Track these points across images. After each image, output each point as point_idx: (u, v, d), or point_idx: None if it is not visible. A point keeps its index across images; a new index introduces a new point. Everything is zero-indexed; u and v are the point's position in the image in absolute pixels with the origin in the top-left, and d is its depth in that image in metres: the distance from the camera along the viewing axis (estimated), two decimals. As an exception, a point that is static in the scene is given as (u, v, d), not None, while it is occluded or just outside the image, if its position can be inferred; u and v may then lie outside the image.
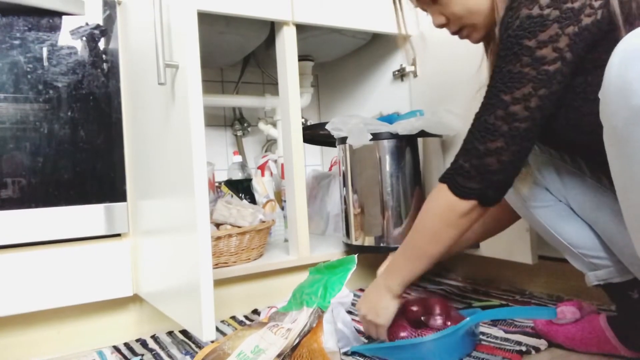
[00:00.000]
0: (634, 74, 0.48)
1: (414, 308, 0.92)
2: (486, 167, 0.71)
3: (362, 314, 0.90)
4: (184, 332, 1.09)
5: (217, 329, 1.09)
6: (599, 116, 0.58)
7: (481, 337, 0.94)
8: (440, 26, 0.85)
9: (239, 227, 1.23)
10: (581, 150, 0.77)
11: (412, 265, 0.84)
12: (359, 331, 1.03)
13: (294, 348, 0.72)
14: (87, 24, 1.05)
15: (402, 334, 0.88)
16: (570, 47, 0.65)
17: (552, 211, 0.85)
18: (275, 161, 1.68)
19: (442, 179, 0.77)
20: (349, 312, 1.16)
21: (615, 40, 0.61)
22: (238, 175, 1.67)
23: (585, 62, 0.67)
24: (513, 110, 0.68)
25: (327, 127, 1.32)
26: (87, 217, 1.02)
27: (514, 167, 0.72)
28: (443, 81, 1.34)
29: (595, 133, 0.65)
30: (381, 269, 1.00)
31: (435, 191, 0.79)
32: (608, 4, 0.64)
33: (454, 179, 0.75)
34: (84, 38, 1.04)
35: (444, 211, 0.77)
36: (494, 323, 1.01)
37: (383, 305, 0.87)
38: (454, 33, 0.85)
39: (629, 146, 0.50)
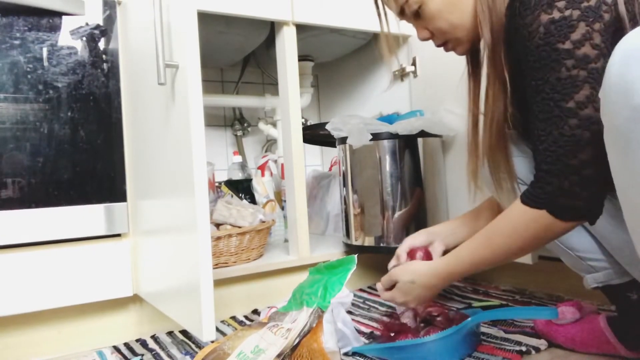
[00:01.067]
0: (635, 73, 0.48)
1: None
2: (589, 180, 0.64)
3: (410, 305, 0.89)
4: (184, 332, 1.09)
5: (217, 329, 1.09)
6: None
7: (481, 337, 0.94)
8: (425, 39, 0.85)
9: (239, 227, 1.23)
10: None
11: (472, 271, 0.82)
12: (359, 331, 1.03)
13: (294, 348, 0.72)
14: (87, 24, 1.05)
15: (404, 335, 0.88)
16: (604, 42, 0.63)
17: None
18: (275, 161, 1.68)
19: (538, 206, 0.68)
20: (349, 312, 1.16)
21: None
22: (238, 175, 1.67)
23: None
24: (586, 114, 0.63)
25: (327, 127, 1.32)
26: (87, 217, 1.02)
27: (606, 171, 0.64)
28: (443, 81, 1.34)
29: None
30: (391, 264, 0.98)
31: (527, 217, 0.70)
32: (617, 3, 0.64)
33: (556, 203, 0.67)
34: (84, 38, 1.04)
35: (543, 235, 0.71)
36: (494, 323, 1.01)
37: (429, 298, 0.88)
38: (438, 46, 0.86)
39: (629, 145, 0.50)
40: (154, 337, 1.07)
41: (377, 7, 0.89)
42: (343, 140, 1.30)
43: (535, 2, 0.65)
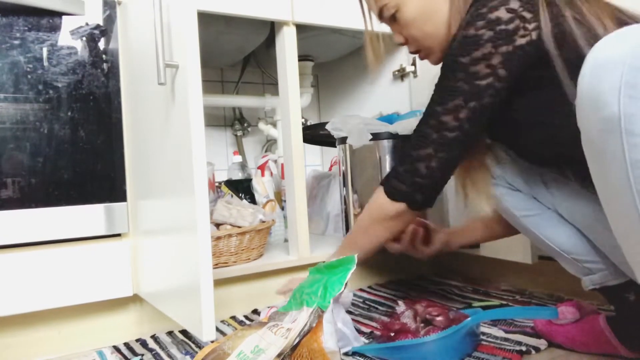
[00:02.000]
0: (605, 85, 0.48)
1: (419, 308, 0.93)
2: (415, 172, 0.78)
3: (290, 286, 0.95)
4: (184, 332, 1.09)
5: (217, 329, 1.09)
6: (575, 126, 0.58)
7: (481, 337, 0.94)
8: (400, 44, 0.87)
9: (239, 227, 1.23)
10: (563, 161, 0.78)
11: (364, 251, 0.90)
12: (359, 331, 1.03)
13: (294, 348, 0.72)
14: (87, 24, 1.05)
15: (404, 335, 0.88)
16: (503, 64, 0.68)
17: (542, 219, 0.85)
18: (275, 161, 1.68)
19: (381, 182, 0.84)
20: (349, 312, 1.16)
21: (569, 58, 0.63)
22: (238, 175, 1.67)
23: (543, 79, 0.68)
24: (444, 120, 0.73)
25: (327, 127, 1.32)
26: (87, 217, 1.02)
27: (441, 173, 0.78)
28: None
29: (575, 144, 0.65)
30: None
31: (375, 193, 0.86)
32: (540, 28, 0.67)
33: (389, 182, 0.82)
34: (84, 38, 1.04)
35: (375, 211, 0.85)
36: (494, 323, 1.01)
37: None
38: (412, 52, 0.88)
39: (604, 157, 0.50)
40: (154, 337, 1.07)
41: (362, 8, 0.92)
42: (343, 140, 1.30)
43: (467, 20, 0.71)
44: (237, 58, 1.69)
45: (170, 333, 1.09)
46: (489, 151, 0.90)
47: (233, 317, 1.18)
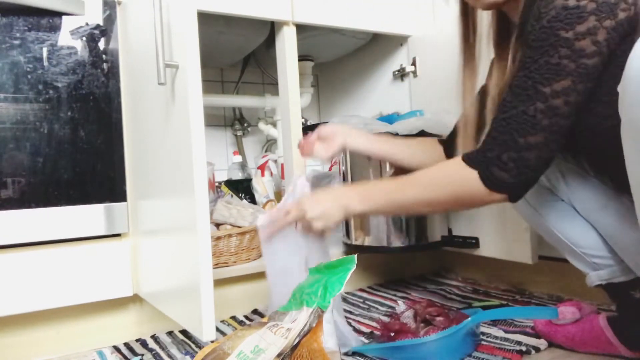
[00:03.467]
0: None
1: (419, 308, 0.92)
2: (525, 162, 0.67)
3: (310, 215, 0.83)
4: (184, 332, 1.09)
5: (217, 329, 1.09)
6: (613, 117, 0.57)
7: (481, 337, 0.94)
8: None
9: (239, 227, 1.23)
10: (586, 151, 0.77)
11: (388, 208, 0.82)
12: (359, 331, 1.03)
13: (293, 348, 0.72)
14: (87, 24, 1.05)
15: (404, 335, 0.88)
16: (607, 41, 0.63)
17: (555, 211, 0.84)
18: (275, 161, 1.68)
19: (474, 165, 0.71)
20: (349, 312, 1.16)
21: (633, 40, 0.60)
22: (238, 175, 1.67)
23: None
24: (554, 104, 0.65)
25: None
26: (87, 217, 1.02)
27: (548, 163, 0.69)
28: (443, 81, 1.34)
29: (608, 135, 0.65)
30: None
31: (459, 171, 0.73)
32: (637, 3, 0.63)
33: (489, 170, 0.69)
34: (84, 38, 1.04)
35: (465, 196, 0.73)
36: (494, 323, 1.01)
37: (334, 218, 0.83)
38: None
39: None
40: (154, 337, 1.07)
41: None
42: (343, 140, 1.30)
43: None
44: (237, 58, 1.69)
45: (170, 333, 1.09)
46: None
47: (233, 317, 1.18)
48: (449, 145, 1.00)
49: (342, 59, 1.80)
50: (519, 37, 0.72)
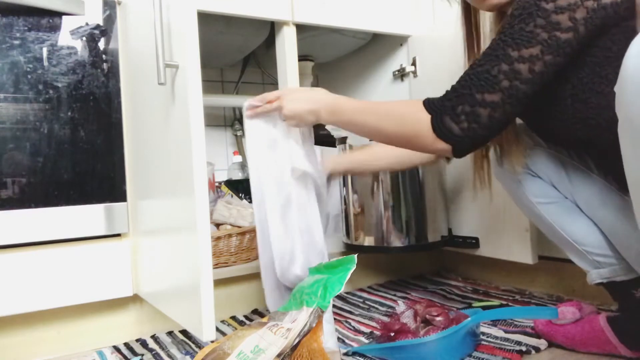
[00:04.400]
0: None
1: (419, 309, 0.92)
2: (476, 118, 0.69)
3: (285, 112, 0.87)
4: (184, 332, 1.09)
5: (217, 329, 1.09)
6: (607, 110, 0.58)
7: (481, 337, 0.94)
8: None
9: (239, 227, 1.23)
10: (588, 147, 0.77)
11: (349, 127, 0.84)
12: (359, 331, 1.03)
13: (293, 348, 0.72)
14: (87, 24, 1.05)
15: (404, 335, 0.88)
16: (585, 20, 0.64)
17: (558, 207, 0.85)
18: (276, 161, 1.67)
19: (429, 109, 0.73)
20: (349, 312, 1.16)
21: (629, 29, 0.60)
22: (238, 175, 1.67)
23: (594, 50, 0.66)
24: (517, 68, 0.67)
25: (327, 127, 1.32)
26: (87, 217, 1.02)
27: (499, 126, 0.70)
28: (443, 81, 1.34)
29: (602, 127, 0.65)
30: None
31: (415, 112, 0.74)
32: None
33: (441, 117, 0.71)
34: (84, 38, 1.04)
35: (412, 136, 0.74)
36: (494, 323, 1.01)
37: (305, 120, 0.87)
38: None
39: None
40: (154, 337, 1.07)
41: None
42: (343, 140, 1.30)
43: None
44: (237, 58, 1.69)
45: (170, 333, 1.09)
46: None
47: (233, 317, 1.18)
48: None
49: (342, 59, 1.80)
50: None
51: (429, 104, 0.73)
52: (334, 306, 1.20)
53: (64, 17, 1.02)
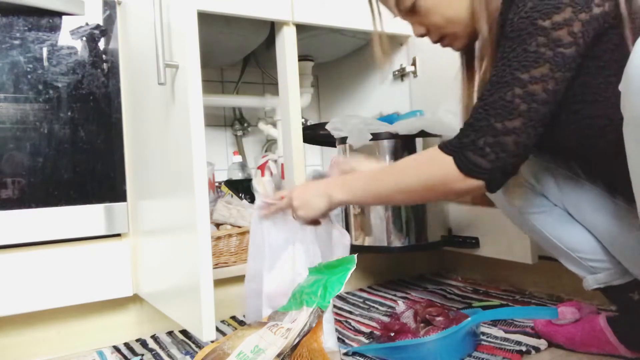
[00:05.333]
0: None
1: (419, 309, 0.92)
2: (503, 147, 0.66)
3: (294, 203, 0.85)
4: (184, 332, 1.09)
5: (217, 329, 1.09)
6: (601, 118, 0.57)
7: (481, 337, 0.94)
8: (421, 36, 0.83)
9: (239, 227, 1.23)
10: (578, 154, 0.77)
11: (366, 197, 0.81)
12: (359, 331, 1.03)
13: (293, 348, 0.72)
14: (87, 24, 1.05)
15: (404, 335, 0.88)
16: (582, 33, 0.63)
17: (549, 216, 0.85)
18: (275, 161, 1.67)
19: (448, 151, 0.70)
20: (349, 312, 1.16)
21: (617, 37, 0.60)
22: (238, 175, 1.67)
23: (586, 60, 0.66)
24: (532, 90, 0.65)
25: (327, 127, 1.32)
26: (87, 217, 1.02)
27: (526, 151, 0.68)
28: (443, 81, 1.34)
29: (595, 135, 0.65)
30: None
31: (433, 158, 0.72)
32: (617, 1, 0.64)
33: (463, 154, 0.68)
34: (84, 38, 1.04)
35: (439, 183, 0.71)
36: (494, 323, 1.01)
37: (317, 206, 0.84)
38: (435, 42, 0.83)
39: None
40: (154, 337, 1.07)
41: (371, 5, 0.87)
42: (343, 140, 1.30)
43: None
44: (237, 58, 1.69)
45: (170, 333, 1.09)
46: None
47: (233, 317, 1.18)
48: None
49: (342, 59, 1.80)
50: (490, 50, 0.73)
51: (445, 146, 0.71)
52: (334, 306, 1.20)
53: (64, 17, 1.02)
